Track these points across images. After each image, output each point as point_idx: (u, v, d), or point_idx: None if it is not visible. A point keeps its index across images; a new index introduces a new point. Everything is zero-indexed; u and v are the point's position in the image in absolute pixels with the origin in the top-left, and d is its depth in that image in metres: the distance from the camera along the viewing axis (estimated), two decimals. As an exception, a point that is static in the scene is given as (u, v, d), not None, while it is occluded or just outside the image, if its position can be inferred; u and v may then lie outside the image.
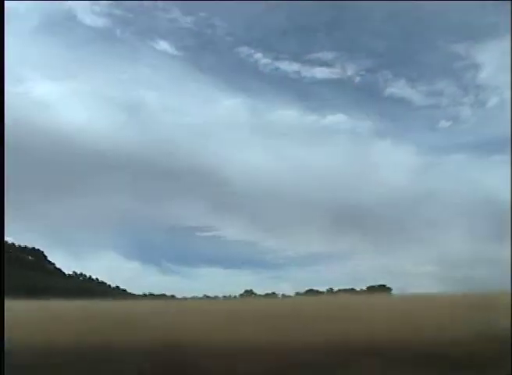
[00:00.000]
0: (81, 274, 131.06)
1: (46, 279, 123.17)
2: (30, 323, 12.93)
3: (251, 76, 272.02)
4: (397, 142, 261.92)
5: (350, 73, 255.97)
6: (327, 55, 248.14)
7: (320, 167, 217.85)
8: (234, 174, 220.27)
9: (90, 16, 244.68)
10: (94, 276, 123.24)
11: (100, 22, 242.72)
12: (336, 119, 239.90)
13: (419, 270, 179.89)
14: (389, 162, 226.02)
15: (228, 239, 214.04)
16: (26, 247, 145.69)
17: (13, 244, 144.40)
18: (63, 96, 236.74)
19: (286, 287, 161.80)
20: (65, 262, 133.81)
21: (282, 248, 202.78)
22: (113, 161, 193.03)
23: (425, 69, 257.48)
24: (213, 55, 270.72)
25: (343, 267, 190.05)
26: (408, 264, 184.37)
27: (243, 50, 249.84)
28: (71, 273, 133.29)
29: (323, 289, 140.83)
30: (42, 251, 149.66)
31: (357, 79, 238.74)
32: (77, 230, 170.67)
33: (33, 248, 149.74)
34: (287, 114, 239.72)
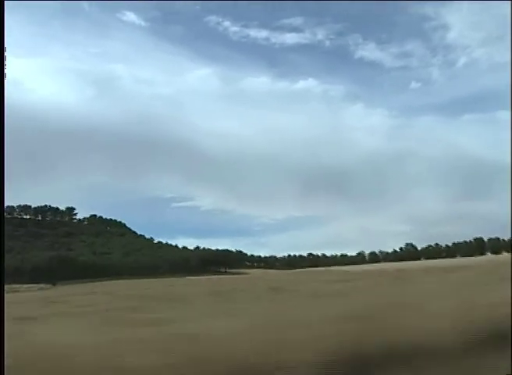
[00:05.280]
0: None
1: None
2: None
3: (221, 44, 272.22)
4: (369, 105, 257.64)
5: (319, 37, 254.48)
6: (296, 21, 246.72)
7: (294, 132, 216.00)
8: (208, 143, 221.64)
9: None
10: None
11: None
12: (308, 84, 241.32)
13: (395, 229, 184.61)
14: (362, 125, 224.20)
15: (204, 208, 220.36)
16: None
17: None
18: (33, 73, 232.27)
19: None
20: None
21: (257, 215, 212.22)
22: (87, 135, 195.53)
23: (395, 31, 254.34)
24: (181, 25, 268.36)
25: (321, 231, 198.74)
26: (384, 224, 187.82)
27: (212, 19, 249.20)
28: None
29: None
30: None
31: (327, 43, 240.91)
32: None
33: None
34: (259, 81, 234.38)
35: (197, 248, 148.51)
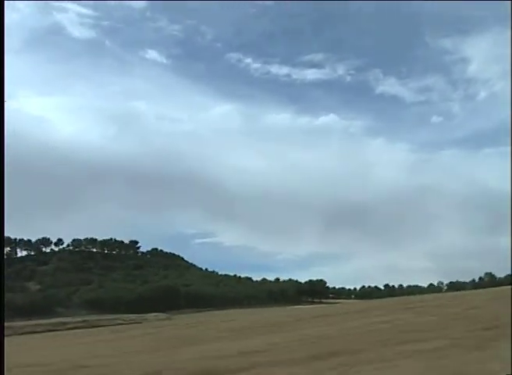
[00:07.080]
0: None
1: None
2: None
3: (242, 81, 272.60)
4: (390, 140, 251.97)
5: (340, 73, 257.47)
6: (316, 57, 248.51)
7: (316, 168, 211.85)
8: (230, 180, 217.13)
9: (78, 29, 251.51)
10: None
11: (88, 34, 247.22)
12: (329, 119, 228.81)
13: (417, 265, 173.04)
14: (383, 160, 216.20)
15: (226, 245, 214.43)
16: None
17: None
18: (57, 110, 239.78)
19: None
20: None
21: (280, 251, 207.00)
22: (109, 172, 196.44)
23: (415, 65, 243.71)
24: (203, 62, 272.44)
25: (343, 267, 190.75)
26: (406, 260, 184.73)
27: (233, 56, 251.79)
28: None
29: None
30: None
31: (348, 78, 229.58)
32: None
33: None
34: (280, 117, 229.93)
35: (277, 279, 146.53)
